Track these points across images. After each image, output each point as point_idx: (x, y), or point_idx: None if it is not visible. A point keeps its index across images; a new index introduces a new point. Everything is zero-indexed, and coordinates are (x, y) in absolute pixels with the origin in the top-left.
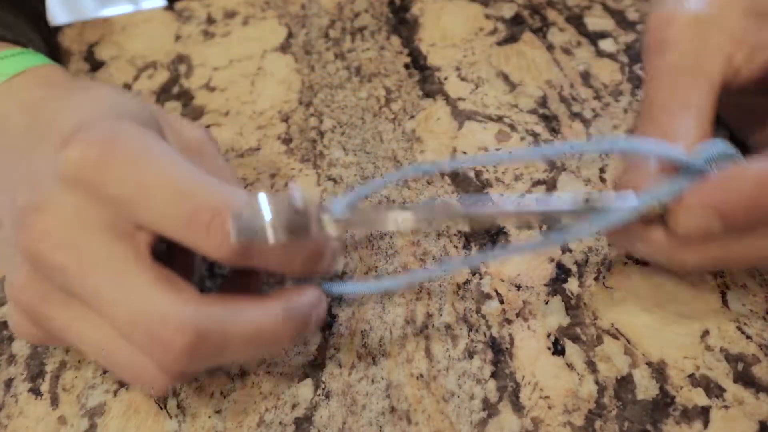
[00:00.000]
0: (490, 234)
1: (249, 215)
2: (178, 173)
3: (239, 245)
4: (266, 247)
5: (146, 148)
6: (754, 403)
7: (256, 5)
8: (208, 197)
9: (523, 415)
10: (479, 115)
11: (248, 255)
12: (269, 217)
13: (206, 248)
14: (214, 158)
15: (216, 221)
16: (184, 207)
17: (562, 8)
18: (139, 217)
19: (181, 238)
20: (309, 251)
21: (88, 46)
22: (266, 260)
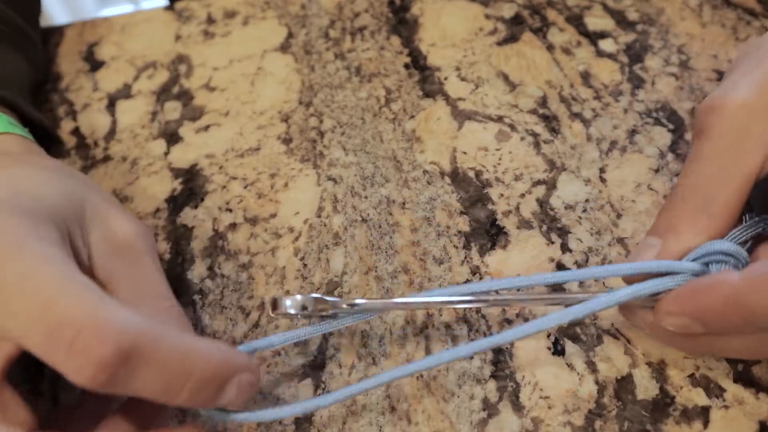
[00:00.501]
0: (490, 234)
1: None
2: (46, 278)
3: (105, 371)
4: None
5: (14, 245)
6: (754, 403)
7: (256, 5)
8: (75, 311)
9: (523, 415)
10: (479, 115)
11: (116, 384)
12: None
13: (66, 369)
14: (140, 258)
15: (79, 341)
16: (45, 319)
17: (562, 8)
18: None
19: (41, 354)
20: (198, 381)
21: (88, 46)
22: (142, 390)
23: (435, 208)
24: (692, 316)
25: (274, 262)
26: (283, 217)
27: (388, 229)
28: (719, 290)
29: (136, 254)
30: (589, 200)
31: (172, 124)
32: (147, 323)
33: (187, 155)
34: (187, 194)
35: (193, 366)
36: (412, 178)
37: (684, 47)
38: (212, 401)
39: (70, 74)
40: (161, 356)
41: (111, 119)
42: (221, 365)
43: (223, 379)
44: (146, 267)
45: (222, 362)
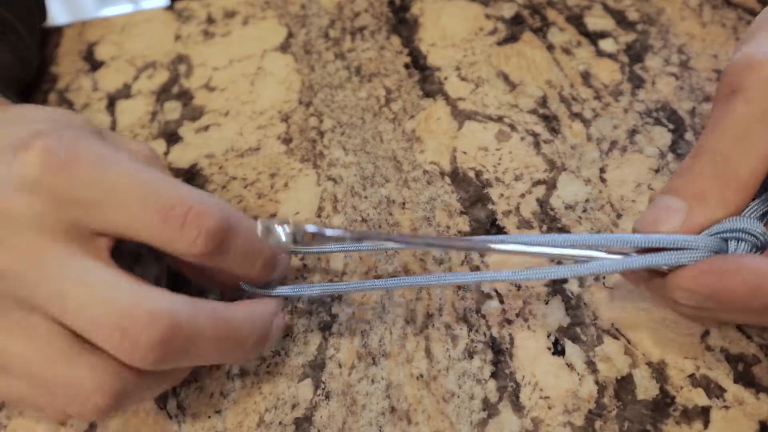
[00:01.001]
0: (491, 234)
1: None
2: (146, 175)
3: (214, 239)
4: (236, 242)
5: (109, 154)
6: (754, 403)
7: (256, 5)
8: (179, 194)
9: (523, 415)
10: (479, 115)
11: (219, 252)
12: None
13: (181, 244)
14: (164, 170)
15: (191, 215)
16: (156, 204)
17: (563, 8)
18: (105, 220)
19: (153, 238)
20: (268, 257)
21: (87, 45)
22: (233, 260)
23: (435, 208)
24: (710, 297)
25: None
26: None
27: (388, 229)
28: (745, 276)
29: (160, 167)
30: (589, 200)
31: (171, 124)
32: (228, 205)
33: (186, 155)
34: None
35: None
36: (412, 178)
37: (684, 47)
38: (271, 274)
39: (69, 74)
40: (245, 230)
41: (111, 119)
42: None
43: (278, 255)
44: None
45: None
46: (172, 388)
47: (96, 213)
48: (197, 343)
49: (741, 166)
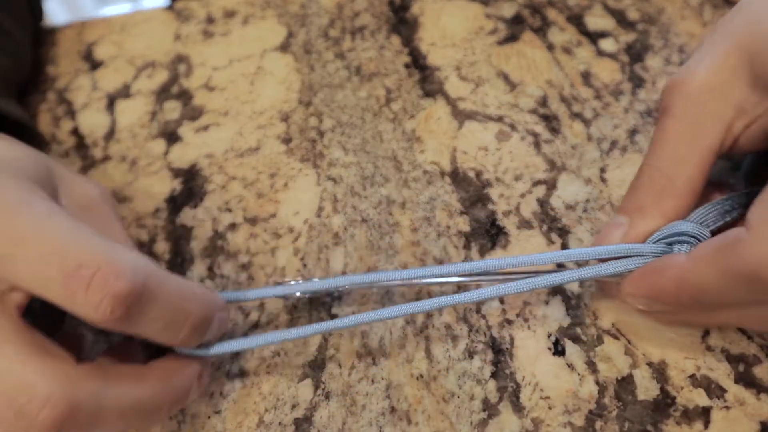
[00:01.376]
0: (490, 234)
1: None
2: (56, 228)
3: (122, 305)
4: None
5: (23, 202)
6: (755, 403)
7: (256, 5)
8: (89, 253)
9: (524, 415)
10: (479, 114)
11: (129, 319)
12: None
13: (84, 308)
14: (107, 217)
15: (98, 276)
16: (61, 263)
17: (563, 8)
18: (11, 275)
19: (57, 298)
20: (196, 322)
21: (87, 45)
22: (149, 328)
23: (435, 208)
24: (650, 297)
25: (274, 262)
26: (283, 217)
27: (388, 229)
28: (668, 272)
29: (102, 214)
30: (589, 200)
31: (171, 123)
32: (153, 265)
33: (186, 155)
34: (187, 194)
35: (192, 304)
36: (412, 178)
37: (685, 46)
38: (202, 338)
39: (69, 74)
40: (167, 294)
41: (110, 119)
42: (210, 304)
43: (212, 316)
44: (114, 225)
45: (211, 302)
46: None
47: (4, 266)
48: (101, 420)
49: (675, 177)
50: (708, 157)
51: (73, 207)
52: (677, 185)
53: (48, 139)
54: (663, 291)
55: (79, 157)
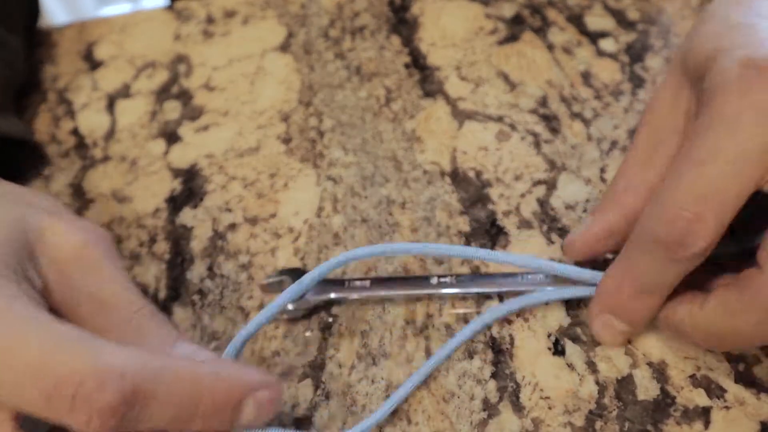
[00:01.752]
0: (490, 234)
1: None
2: (31, 338)
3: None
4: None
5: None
6: (755, 403)
7: (256, 5)
8: (70, 365)
9: (524, 415)
10: (479, 114)
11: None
12: None
13: (73, 424)
14: (97, 264)
15: (80, 395)
16: (40, 383)
17: (563, 8)
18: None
19: (45, 415)
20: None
21: (87, 45)
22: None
23: (435, 208)
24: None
25: (274, 262)
26: (283, 217)
27: (388, 229)
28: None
29: (89, 264)
30: (589, 200)
31: (171, 123)
32: (144, 359)
33: (186, 155)
34: (187, 194)
35: (200, 394)
36: (412, 178)
37: None
38: (231, 423)
39: (69, 74)
40: (165, 390)
41: (110, 119)
42: (229, 388)
43: (236, 400)
44: (104, 275)
45: (230, 384)
46: None
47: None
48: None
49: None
50: (666, 163)
51: (54, 267)
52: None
53: (48, 139)
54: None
55: (79, 157)
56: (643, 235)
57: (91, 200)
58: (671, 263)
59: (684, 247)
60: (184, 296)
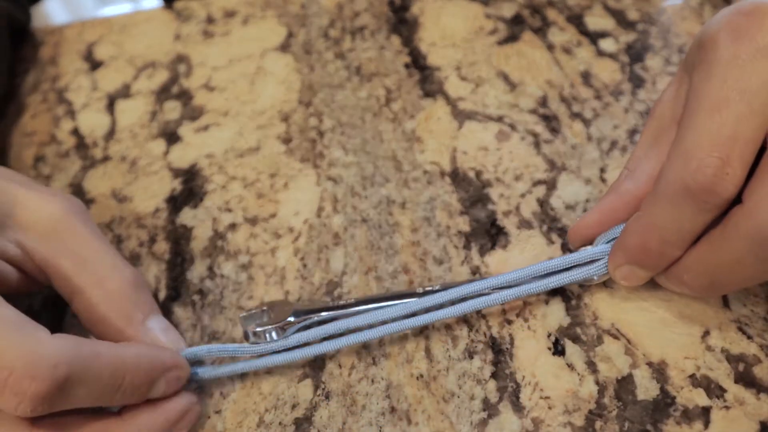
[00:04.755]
0: (490, 234)
1: None
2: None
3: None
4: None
5: None
6: (755, 403)
7: (256, 5)
8: (4, 353)
9: (524, 415)
10: (479, 114)
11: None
12: None
13: (9, 409)
14: (75, 232)
15: (11, 380)
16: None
17: (563, 8)
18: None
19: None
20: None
21: (87, 45)
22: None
23: (435, 208)
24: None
25: (274, 262)
26: (283, 217)
27: (388, 229)
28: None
29: (68, 229)
30: (589, 200)
31: (171, 123)
32: (76, 347)
33: (186, 155)
34: (187, 194)
35: (123, 375)
36: (412, 178)
37: (685, 47)
38: (144, 396)
39: (69, 74)
40: (93, 375)
41: (110, 119)
42: (148, 370)
43: (151, 379)
44: (85, 238)
45: (149, 366)
46: None
47: None
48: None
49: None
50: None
51: (33, 232)
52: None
53: (48, 139)
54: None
55: (79, 157)
56: (669, 187)
57: (91, 200)
58: (700, 213)
59: (715, 194)
60: (184, 296)
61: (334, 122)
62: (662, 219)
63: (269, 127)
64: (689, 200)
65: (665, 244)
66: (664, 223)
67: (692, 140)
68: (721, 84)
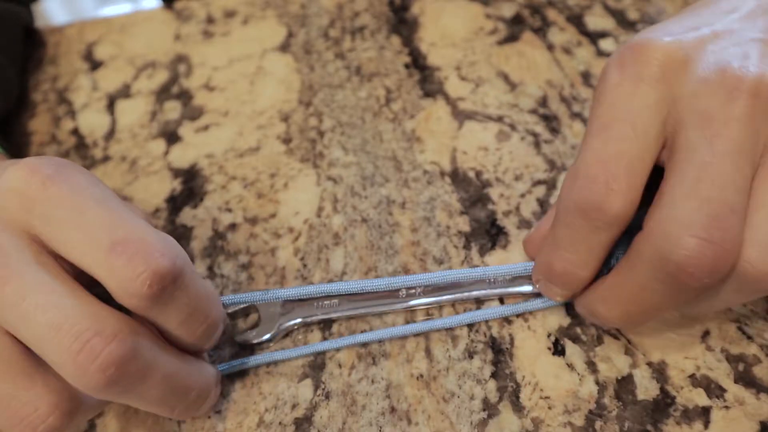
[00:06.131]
0: (490, 234)
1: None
2: (113, 207)
3: (161, 282)
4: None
5: (90, 185)
6: (754, 403)
7: (256, 5)
8: (139, 230)
9: (524, 415)
10: (479, 114)
11: (161, 301)
12: None
13: (123, 278)
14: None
15: (143, 249)
16: (112, 232)
17: (563, 8)
18: (64, 242)
19: (98, 267)
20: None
21: (87, 45)
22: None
23: (435, 208)
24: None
25: (274, 262)
26: (283, 217)
27: (388, 229)
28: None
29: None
30: None
31: (171, 123)
32: (188, 259)
33: (186, 155)
34: (187, 194)
35: (211, 308)
36: (412, 178)
37: None
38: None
39: (69, 74)
40: (196, 288)
41: (110, 119)
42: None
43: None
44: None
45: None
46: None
47: (58, 233)
48: (149, 376)
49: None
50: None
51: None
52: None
53: (48, 139)
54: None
55: (79, 157)
56: (562, 207)
57: None
58: (593, 231)
59: (601, 210)
60: None
61: (334, 122)
62: (560, 238)
63: (269, 127)
64: (579, 218)
65: (568, 264)
66: (563, 243)
67: (581, 159)
68: (608, 107)
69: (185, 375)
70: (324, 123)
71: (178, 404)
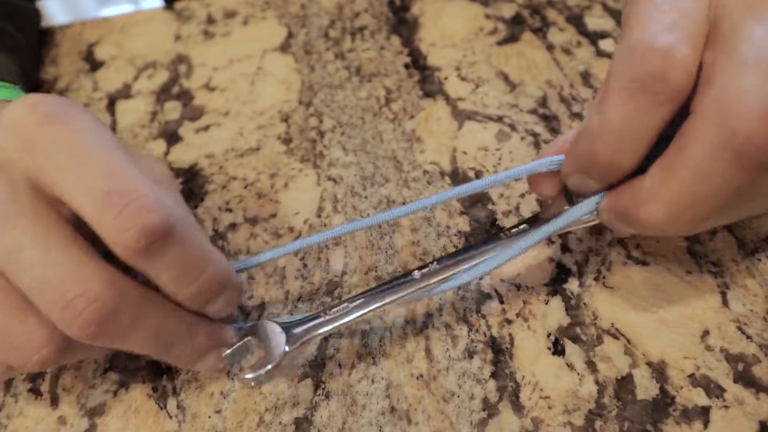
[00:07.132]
0: (490, 234)
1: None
2: (114, 158)
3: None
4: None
5: (92, 127)
6: (754, 403)
7: (256, 5)
8: (135, 184)
9: (524, 415)
10: (479, 115)
11: (149, 255)
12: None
13: (112, 230)
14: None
15: (135, 203)
16: (108, 181)
17: (562, 8)
18: (62, 184)
19: (91, 214)
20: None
21: (87, 45)
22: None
23: (435, 208)
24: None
25: (274, 262)
26: (283, 217)
27: (388, 229)
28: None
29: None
30: None
31: (172, 124)
32: (188, 216)
33: (187, 155)
34: (187, 194)
35: (208, 263)
36: (412, 178)
37: None
38: (204, 306)
39: (69, 74)
40: (189, 244)
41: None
42: (225, 274)
43: (222, 286)
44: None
45: (227, 271)
46: (171, 385)
47: (56, 175)
48: (132, 332)
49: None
50: None
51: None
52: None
53: None
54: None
55: None
56: (616, 86)
57: None
58: (653, 108)
59: (666, 82)
60: None
61: (334, 122)
62: (610, 121)
63: (269, 127)
64: (637, 93)
65: (615, 151)
66: (614, 125)
67: (638, 27)
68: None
69: (177, 331)
70: (324, 123)
71: (168, 355)
